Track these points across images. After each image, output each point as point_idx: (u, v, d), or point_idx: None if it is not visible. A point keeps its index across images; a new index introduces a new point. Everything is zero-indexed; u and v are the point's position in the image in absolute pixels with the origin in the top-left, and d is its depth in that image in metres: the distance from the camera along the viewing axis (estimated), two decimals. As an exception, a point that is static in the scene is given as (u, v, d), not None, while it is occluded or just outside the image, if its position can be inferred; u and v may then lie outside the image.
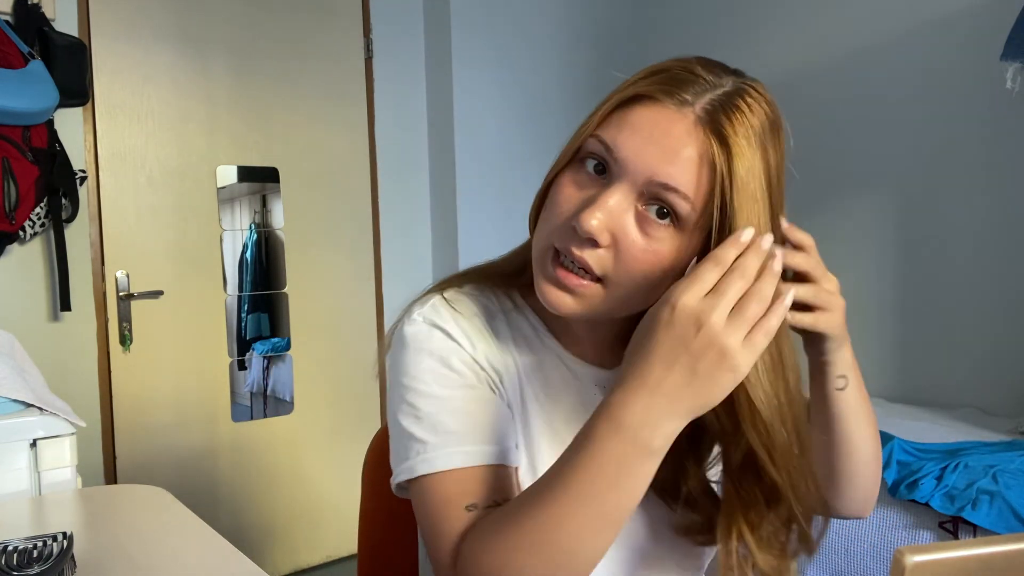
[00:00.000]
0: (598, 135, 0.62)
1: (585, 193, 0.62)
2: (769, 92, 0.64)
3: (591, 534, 0.57)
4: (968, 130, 2.07)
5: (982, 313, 2.06)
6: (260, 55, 2.48)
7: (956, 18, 2.08)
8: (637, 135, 0.60)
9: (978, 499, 1.41)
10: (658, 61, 0.64)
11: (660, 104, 0.60)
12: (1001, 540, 0.43)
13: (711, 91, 0.60)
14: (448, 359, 0.68)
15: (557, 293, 0.64)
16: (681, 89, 0.60)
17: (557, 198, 0.64)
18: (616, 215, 0.60)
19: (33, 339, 1.86)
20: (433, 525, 0.64)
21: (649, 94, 0.60)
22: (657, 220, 0.60)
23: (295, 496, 2.58)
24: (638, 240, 0.61)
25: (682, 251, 0.62)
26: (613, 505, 0.56)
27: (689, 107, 0.59)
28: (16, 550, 0.72)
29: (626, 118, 0.61)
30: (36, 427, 1.09)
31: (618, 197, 0.60)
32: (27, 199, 1.94)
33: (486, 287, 0.76)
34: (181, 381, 2.36)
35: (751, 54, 2.57)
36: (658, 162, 0.59)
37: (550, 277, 0.64)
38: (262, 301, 2.52)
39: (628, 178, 0.60)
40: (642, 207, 0.61)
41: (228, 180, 2.45)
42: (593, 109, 0.66)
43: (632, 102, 0.61)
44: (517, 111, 2.86)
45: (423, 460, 0.65)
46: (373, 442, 1.04)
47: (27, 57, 1.92)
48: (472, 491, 0.63)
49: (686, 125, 0.59)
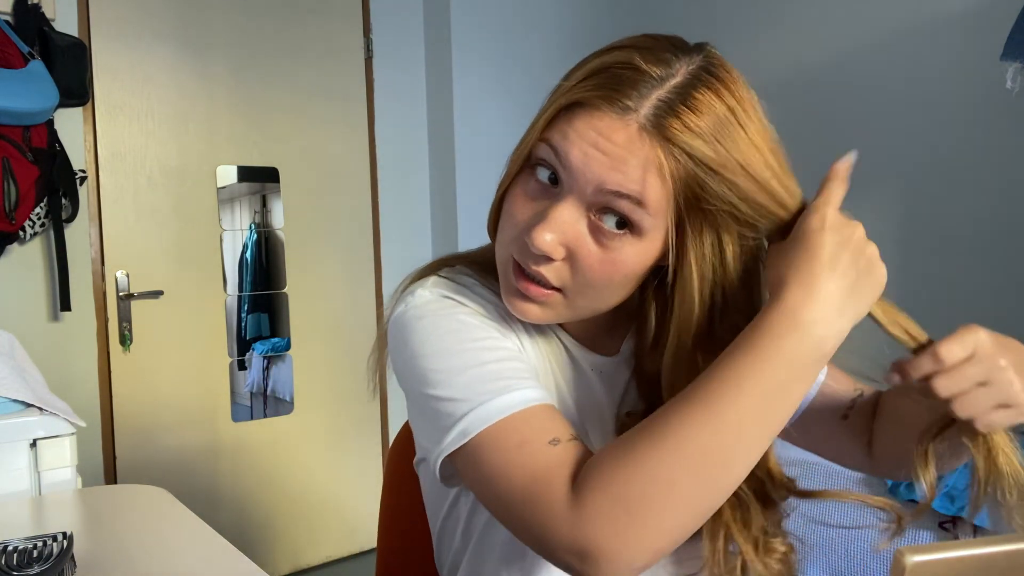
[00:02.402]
0: (547, 139, 0.60)
1: (538, 205, 0.61)
2: (729, 66, 0.60)
3: (748, 444, 0.53)
4: (968, 130, 2.06)
5: (982, 313, 2.06)
6: (260, 55, 2.48)
7: (956, 18, 2.08)
8: (582, 141, 0.57)
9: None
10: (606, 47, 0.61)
11: (600, 111, 0.57)
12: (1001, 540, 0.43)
13: (657, 88, 0.56)
14: (467, 319, 0.66)
15: (522, 304, 0.64)
16: (622, 94, 0.56)
17: (511, 209, 0.63)
18: (569, 228, 0.59)
19: (33, 339, 1.86)
20: (515, 473, 0.56)
21: (589, 101, 0.57)
22: (613, 230, 0.59)
23: (295, 496, 2.58)
24: (594, 251, 0.60)
25: (643, 254, 0.61)
26: (775, 413, 0.54)
27: (632, 114, 0.56)
28: (16, 550, 0.72)
29: (571, 124, 0.58)
30: (36, 427, 1.09)
31: (569, 210, 0.59)
32: (27, 199, 1.94)
33: (476, 271, 0.75)
34: (181, 381, 2.36)
35: (751, 54, 2.57)
36: (606, 170, 0.57)
37: (513, 289, 0.64)
38: (262, 301, 2.52)
39: (577, 188, 0.58)
40: (595, 216, 0.59)
41: (228, 180, 2.45)
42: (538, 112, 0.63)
43: (575, 107, 0.58)
44: (517, 111, 2.86)
45: (475, 417, 0.58)
46: (397, 438, 1.04)
47: (27, 57, 1.92)
48: (544, 428, 0.58)
49: (629, 134, 0.56)
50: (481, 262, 0.74)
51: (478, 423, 0.58)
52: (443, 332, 0.64)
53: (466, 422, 0.59)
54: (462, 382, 0.61)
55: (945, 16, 2.10)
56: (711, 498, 0.54)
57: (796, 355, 0.54)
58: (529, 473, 0.56)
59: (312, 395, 2.61)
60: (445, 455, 0.60)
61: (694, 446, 0.52)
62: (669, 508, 0.52)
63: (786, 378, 0.54)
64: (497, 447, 0.57)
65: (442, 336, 0.64)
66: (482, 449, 0.58)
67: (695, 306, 0.62)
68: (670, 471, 0.52)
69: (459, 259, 0.76)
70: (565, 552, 0.53)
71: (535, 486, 0.55)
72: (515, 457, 0.57)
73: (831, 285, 0.55)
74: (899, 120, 2.21)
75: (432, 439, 0.62)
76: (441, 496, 0.79)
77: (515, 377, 0.61)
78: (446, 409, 0.60)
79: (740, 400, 0.53)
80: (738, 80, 0.59)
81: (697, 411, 0.53)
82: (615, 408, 0.75)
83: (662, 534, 0.52)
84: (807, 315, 0.54)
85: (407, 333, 0.66)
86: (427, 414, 0.63)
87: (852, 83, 2.31)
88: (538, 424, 0.58)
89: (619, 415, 0.74)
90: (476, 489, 0.60)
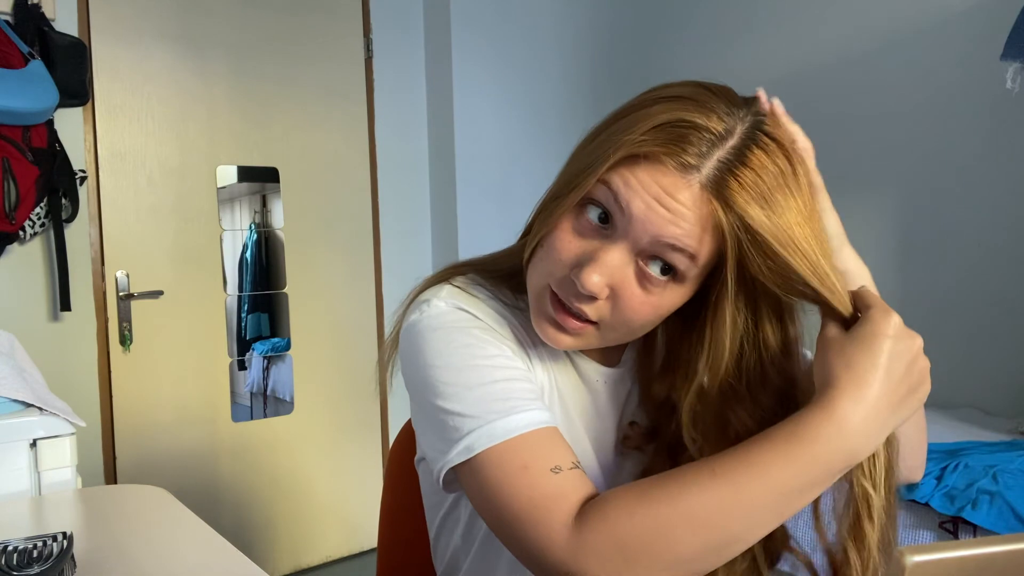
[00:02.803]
0: (607, 183, 0.60)
1: (586, 243, 0.62)
2: (776, 122, 0.62)
3: (757, 528, 0.55)
4: (968, 130, 2.06)
5: (982, 313, 2.06)
6: (260, 55, 2.48)
7: (956, 18, 2.08)
8: (645, 194, 0.58)
9: (978, 499, 1.41)
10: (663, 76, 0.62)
11: (664, 167, 0.58)
12: (1001, 540, 0.43)
13: (718, 147, 0.58)
14: (481, 335, 0.67)
15: (555, 333, 0.65)
16: (685, 151, 0.57)
17: (556, 243, 0.63)
18: (617, 271, 0.61)
19: (33, 339, 1.86)
20: (516, 495, 0.59)
21: (653, 155, 0.58)
22: (659, 276, 0.61)
23: (295, 496, 2.58)
24: (637, 293, 0.62)
25: (682, 298, 0.64)
26: (791, 506, 0.55)
27: (695, 172, 0.58)
28: (16, 550, 0.72)
29: (634, 174, 0.59)
30: (36, 427, 1.09)
31: (620, 254, 0.60)
32: (27, 199, 1.94)
33: (488, 280, 0.75)
34: (181, 381, 2.36)
35: (751, 55, 2.57)
36: (664, 223, 0.58)
37: (549, 317, 0.65)
38: (262, 301, 2.52)
39: (632, 235, 0.60)
40: (643, 263, 0.61)
41: (228, 180, 2.45)
42: (588, 137, 0.65)
43: (637, 158, 0.59)
44: (517, 111, 2.86)
45: (481, 434, 0.60)
46: (398, 437, 1.05)
47: (27, 57, 1.92)
48: (547, 455, 0.60)
49: (692, 192, 0.58)
50: (492, 270, 0.76)
51: (484, 441, 0.60)
52: (457, 346, 0.66)
53: (472, 438, 0.61)
54: (472, 398, 0.62)
55: (945, 16, 2.10)
56: (708, 564, 0.56)
57: (830, 461, 0.55)
58: (527, 499, 0.58)
59: (312, 395, 2.61)
60: (449, 467, 0.62)
61: (705, 515, 0.54)
62: (665, 564, 0.54)
63: (813, 479, 0.55)
64: (500, 467, 0.60)
65: (456, 350, 0.65)
66: (485, 467, 0.60)
67: (725, 352, 0.63)
68: (675, 531, 0.54)
69: (470, 267, 0.77)
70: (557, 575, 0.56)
71: (535, 512, 0.57)
72: (516, 480, 0.59)
73: (884, 399, 0.56)
74: (899, 120, 2.21)
75: (437, 449, 0.64)
76: (442, 495, 0.80)
77: (523, 398, 0.63)
78: (453, 423, 0.62)
79: (762, 488, 0.54)
80: (784, 142, 0.61)
81: (718, 485, 0.55)
82: (617, 418, 0.76)
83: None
84: (852, 426, 0.55)
85: (421, 342, 0.67)
86: (434, 424, 0.64)
87: (852, 83, 2.31)
88: (541, 450, 0.60)
89: (621, 424, 0.76)
90: (475, 502, 0.62)
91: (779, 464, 0.54)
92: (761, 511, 0.55)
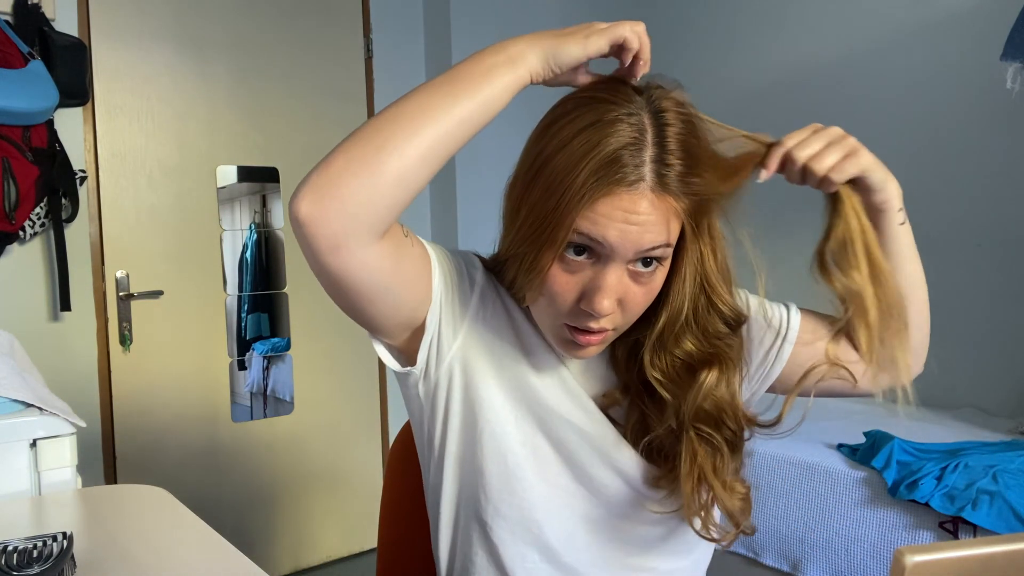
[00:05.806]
0: (578, 229, 0.66)
1: (581, 276, 0.68)
2: (667, 88, 0.70)
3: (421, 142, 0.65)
4: (968, 130, 2.07)
5: (982, 313, 2.06)
6: (260, 55, 2.48)
7: (956, 18, 2.08)
8: (613, 223, 0.65)
9: (978, 499, 1.41)
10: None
11: (615, 194, 0.64)
12: (1001, 540, 0.43)
13: (644, 151, 0.64)
14: (461, 266, 0.77)
15: (580, 351, 0.73)
16: (625, 175, 0.64)
17: (555, 288, 0.69)
18: (619, 286, 0.68)
19: (33, 339, 1.85)
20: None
21: (605, 190, 0.64)
22: (647, 270, 0.69)
23: (295, 496, 2.58)
24: (638, 292, 0.70)
25: (665, 274, 0.71)
26: (460, 111, 0.66)
27: (641, 183, 0.64)
28: (16, 550, 0.72)
29: (595, 212, 0.65)
30: (36, 427, 1.09)
31: (615, 272, 0.67)
32: (27, 199, 1.94)
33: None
34: (181, 381, 2.36)
35: (751, 54, 2.57)
36: (639, 236, 0.65)
37: (572, 344, 0.72)
38: (262, 301, 2.52)
39: (618, 255, 0.66)
40: (633, 267, 0.68)
41: (228, 180, 2.45)
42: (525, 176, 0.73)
43: (592, 200, 0.65)
44: (517, 111, 2.85)
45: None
46: (398, 437, 1.05)
47: (27, 57, 1.92)
48: None
49: (648, 199, 0.65)
50: (493, 267, 0.81)
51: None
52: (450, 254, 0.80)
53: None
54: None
55: (945, 16, 2.10)
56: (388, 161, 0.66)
57: (492, 64, 0.69)
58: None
59: (312, 395, 2.61)
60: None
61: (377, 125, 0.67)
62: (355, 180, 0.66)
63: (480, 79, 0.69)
64: None
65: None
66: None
67: (686, 298, 0.72)
68: (358, 151, 0.67)
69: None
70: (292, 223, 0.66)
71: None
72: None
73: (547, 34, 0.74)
74: (899, 120, 2.21)
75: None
76: (439, 493, 0.80)
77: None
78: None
79: (426, 90, 0.67)
80: (670, 93, 0.70)
81: (391, 107, 0.68)
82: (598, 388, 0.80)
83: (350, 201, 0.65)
84: (513, 46, 0.71)
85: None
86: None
87: (852, 83, 2.31)
88: None
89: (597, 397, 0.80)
90: None
91: (437, 79, 0.68)
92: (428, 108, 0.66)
